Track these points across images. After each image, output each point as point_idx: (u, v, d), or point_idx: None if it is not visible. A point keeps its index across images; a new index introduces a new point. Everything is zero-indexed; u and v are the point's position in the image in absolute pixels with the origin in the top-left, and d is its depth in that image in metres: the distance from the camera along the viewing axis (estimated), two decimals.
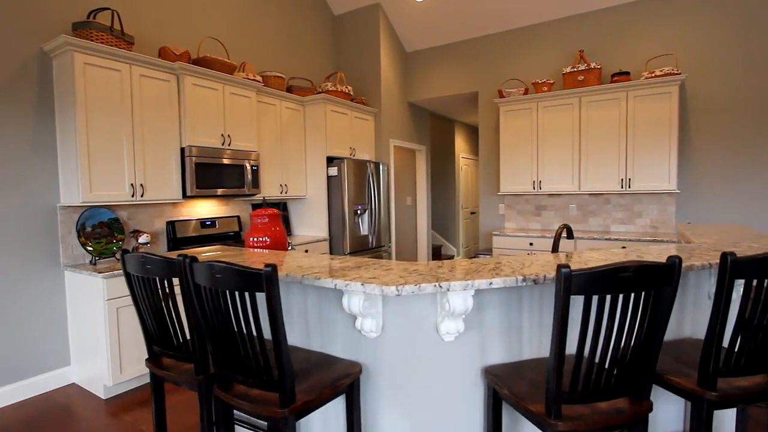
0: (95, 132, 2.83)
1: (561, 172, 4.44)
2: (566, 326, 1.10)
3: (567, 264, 1.08)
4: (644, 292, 1.14)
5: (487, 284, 1.28)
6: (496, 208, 5.21)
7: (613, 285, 1.09)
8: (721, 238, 2.12)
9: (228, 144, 3.67)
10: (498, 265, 1.53)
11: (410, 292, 1.22)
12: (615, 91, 4.10)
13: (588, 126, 4.26)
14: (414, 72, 5.77)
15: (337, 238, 4.58)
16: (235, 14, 4.23)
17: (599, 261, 1.58)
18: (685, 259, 1.55)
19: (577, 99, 4.29)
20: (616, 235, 4.08)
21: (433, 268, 1.51)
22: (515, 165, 4.72)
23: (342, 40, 5.59)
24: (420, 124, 6.28)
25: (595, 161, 4.25)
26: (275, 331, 1.22)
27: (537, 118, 4.53)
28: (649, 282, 1.12)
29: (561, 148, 4.42)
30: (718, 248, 1.80)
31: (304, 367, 1.52)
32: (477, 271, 1.42)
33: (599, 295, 1.10)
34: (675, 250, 1.80)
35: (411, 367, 1.48)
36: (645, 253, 1.73)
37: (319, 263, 1.69)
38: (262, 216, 2.18)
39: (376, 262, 1.64)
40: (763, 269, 1.22)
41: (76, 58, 2.70)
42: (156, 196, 3.20)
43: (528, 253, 4.36)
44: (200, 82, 3.41)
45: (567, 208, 4.71)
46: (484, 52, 5.19)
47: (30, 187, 2.80)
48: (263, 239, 2.15)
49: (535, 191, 4.60)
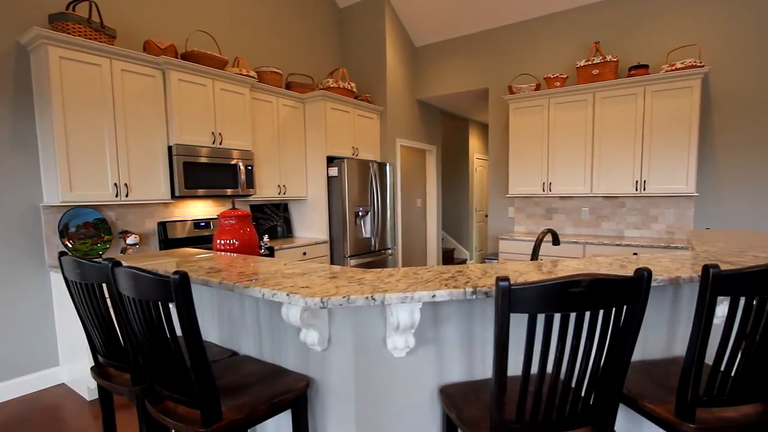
0: (74, 129, 2.80)
1: (572, 174, 4.17)
2: (506, 349, 0.93)
3: (506, 276, 0.90)
4: (603, 310, 0.95)
5: (429, 297, 1.12)
6: (505, 211, 4.97)
7: (563, 302, 0.91)
8: (728, 245, 1.86)
9: (219, 142, 3.61)
10: (458, 273, 1.36)
11: (337, 304, 1.07)
12: (632, 85, 3.81)
13: (602, 124, 3.98)
14: (423, 68, 5.60)
15: (337, 240, 4.47)
16: (229, 6, 4.18)
17: (572, 271, 1.38)
18: (673, 270, 1.33)
19: (591, 95, 4.02)
20: (630, 240, 3.78)
21: (383, 277, 1.36)
22: (525, 166, 4.47)
23: (347, 34, 5.48)
24: (430, 123, 6.10)
25: (608, 162, 3.96)
26: (190, 344, 1.10)
27: (548, 116, 4.28)
28: (609, 298, 0.93)
29: (573, 147, 4.15)
30: (719, 257, 1.56)
31: (248, 381, 1.40)
32: (427, 281, 1.26)
33: (546, 313, 0.92)
34: (669, 259, 1.57)
35: (361, 385, 1.33)
36: (651, 261, 1.52)
37: (269, 269, 1.56)
38: (229, 217, 2.08)
39: (342, 271, 1.50)
40: (752, 285, 1.00)
41: (51, 51, 2.67)
42: (142, 197, 3.16)
43: (540, 259, 4.12)
44: (187, 78, 3.35)
45: (579, 212, 4.42)
46: (495, 46, 4.97)
47: (11, 187, 2.79)
48: (231, 242, 2.04)
49: (545, 193, 4.34)
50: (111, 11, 3.26)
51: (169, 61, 3.20)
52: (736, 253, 1.66)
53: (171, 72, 3.25)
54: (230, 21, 4.15)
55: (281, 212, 4.62)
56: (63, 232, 2.91)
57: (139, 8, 3.43)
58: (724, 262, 1.45)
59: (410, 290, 1.14)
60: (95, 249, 3.07)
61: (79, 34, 2.83)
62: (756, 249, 1.76)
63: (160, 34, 3.57)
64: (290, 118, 4.38)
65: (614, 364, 1.00)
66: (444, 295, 1.12)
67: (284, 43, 4.74)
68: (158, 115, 3.25)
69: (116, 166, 3.01)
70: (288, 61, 4.78)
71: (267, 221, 4.44)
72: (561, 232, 4.53)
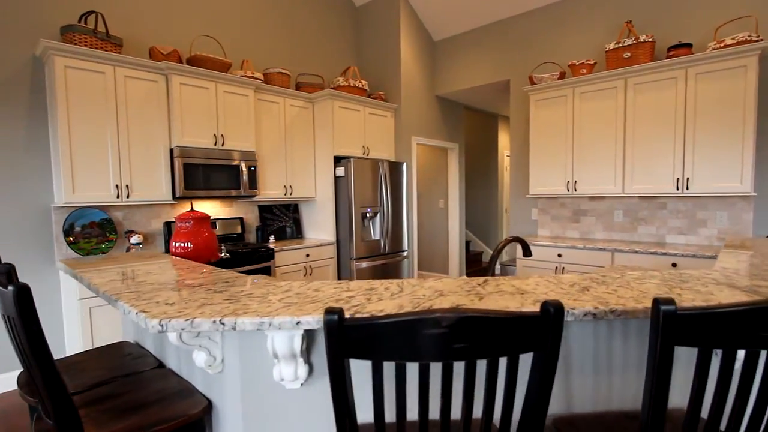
0: (78, 134, 2.91)
1: (601, 171, 3.71)
2: (345, 397, 0.72)
3: (339, 309, 0.70)
4: (486, 359, 0.71)
5: (291, 323, 0.93)
6: (528, 213, 4.57)
7: (417, 347, 0.69)
8: (755, 261, 1.47)
9: (221, 144, 3.61)
10: (370, 290, 1.16)
11: (179, 328, 0.92)
12: (671, 68, 3.29)
13: (635, 114, 3.49)
14: (442, 63, 5.31)
15: (344, 242, 4.34)
16: (241, 9, 4.19)
17: (540, 292, 1.12)
18: (638, 298, 1.03)
19: (622, 81, 3.54)
20: (672, 248, 3.27)
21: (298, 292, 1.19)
22: (547, 163, 4.06)
23: (363, 32, 5.34)
24: (452, 119, 5.79)
25: (643, 157, 3.47)
26: (39, 366, 1.01)
27: (573, 107, 3.84)
28: (488, 344, 0.70)
29: (601, 141, 3.69)
30: (730, 279, 1.21)
31: (150, 400, 1.30)
32: (313, 301, 1.07)
33: (395, 361, 0.70)
34: (658, 280, 1.25)
35: (249, 418, 1.17)
36: (640, 280, 1.22)
37: (181, 278, 1.45)
38: (185, 220, 2.00)
39: (268, 283, 1.35)
40: (732, 331, 0.71)
41: (56, 61, 2.80)
42: (143, 197, 3.24)
43: (557, 267, 3.73)
44: (189, 81, 3.38)
45: (611, 214, 3.93)
46: (516, 35, 4.57)
47: (27, 188, 2.97)
48: (185, 245, 1.97)
49: (570, 193, 3.91)
50: (122, 20, 3.38)
51: (171, 66, 3.25)
52: (756, 275, 1.29)
53: (173, 76, 3.29)
54: (240, 24, 4.17)
55: (291, 213, 4.58)
56: (68, 231, 3.04)
57: (148, 16, 3.52)
58: (739, 288, 1.11)
59: (271, 315, 0.96)
60: (100, 248, 3.19)
61: (85, 45, 2.94)
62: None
63: (170, 39, 3.65)
64: (298, 118, 4.32)
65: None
66: (310, 322, 0.93)
67: (297, 45, 4.69)
68: (161, 118, 3.31)
69: (118, 169, 3.10)
70: (301, 62, 4.73)
71: (275, 222, 4.42)
72: (590, 237, 4.06)
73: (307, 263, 4.07)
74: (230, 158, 3.65)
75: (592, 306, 0.97)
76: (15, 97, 2.92)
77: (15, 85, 2.92)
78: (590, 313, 0.95)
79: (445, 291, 1.15)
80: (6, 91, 2.89)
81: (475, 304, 1.01)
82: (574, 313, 0.95)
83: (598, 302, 1.00)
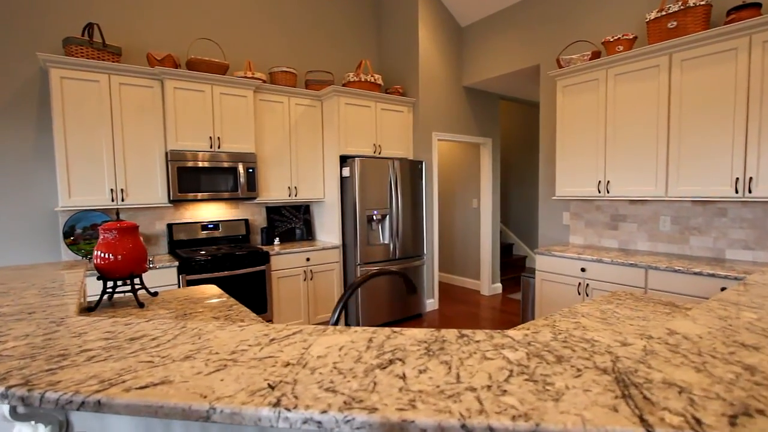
0: (74, 141, 3.04)
1: (638, 169, 3.05)
2: None
3: None
4: None
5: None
6: (559, 217, 3.96)
7: None
8: None
9: (217, 146, 3.60)
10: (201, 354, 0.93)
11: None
12: (731, 36, 2.56)
13: (682, 98, 2.80)
14: (470, 50, 4.83)
15: (350, 246, 4.13)
16: (249, 8, 4.15)
17: None
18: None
19: (666, 57, 2.86)
20: (734, 264, 2.57)
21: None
22: (575, 160, 3.46)
23: (384, 25, 5.05)
24: (484, 112, 5.27)
25: (691, 152, 2.77)
26: None
27: (606, 92, 3.21)
28: None
29: (639, 133, 3.03)
30: (737, 341, 0.78)
31: None
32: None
33: None
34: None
35: None
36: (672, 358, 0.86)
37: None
38: (109, 230, 1.93)
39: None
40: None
41: (52, 73, 2.94)
42: (138, 201, 3.32)
43: (580, 283, 3.18)
44: (183, 85, 3.40)
45: (656, 221, 3.23)
46: (546, 11, 3.97)
47: (36, 194, 3.20)
48: (106, 256, 1.90)
49: (601, 195, 3.29)
50: (124, 29, 3.49)
51: (165, 71, 3.28)
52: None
53: (167, 81, 3.33)
54: (249, 24, 4.13)
55: (301, 214, 4.48)
56: (68, 233, 3.22)
57: (150, 23, 3.61)
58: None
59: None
60: None
61: (82, 55, 3.07)
62: None
63: (172, 44, 3.71)
64: (305, 117, 4.19)
65: None
66: None
67: (311, 42, 4.55)
68: (157, 123, 3.37)
69: (113, 173, 3.20)
70: (315, 60, 4.59)
71: (284, 224, 4.34)
72: (631, 248, 3.39)
73: (308, 267, 3.93)
74: (227, 160, 3.62)
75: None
76: (25, 108, 3.14)
77: (25, 97, 3.14)
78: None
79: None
80: (18, 103, 3.11)
81: None
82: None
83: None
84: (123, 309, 1.77)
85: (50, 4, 3.20)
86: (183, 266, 3.25)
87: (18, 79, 3.11)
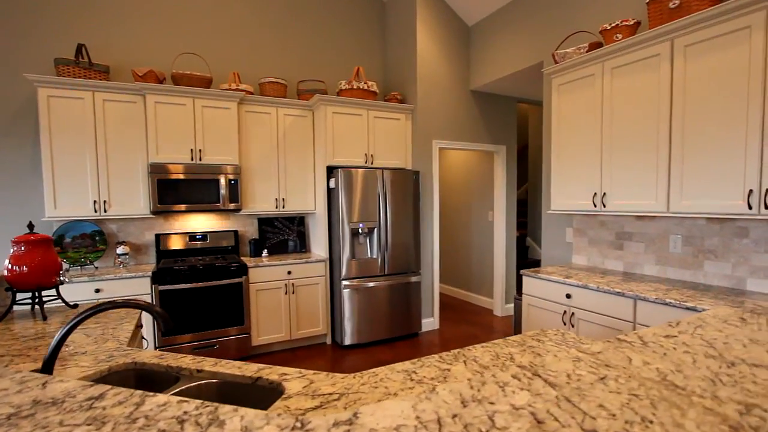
0: (59, 155, 3.24)
1: (637, 178, 2.56)
2: None
3: None
4: None
5: None
6: (562, 233, 3.49)
7: None
8: None
9: (199, 158, 3.65)
10: None
11: None
12: (742, 13, 2.05)
13: (686, 92, 2.30)
14: (477, 51, 4.49)
15: (337, 261, 3.98)
16: (243, 21, 4.21)
17: None
18: None
19: (667, 44, 2.37)
20: (756, 296, 2.03)
21: None
22: (570, 167, 3.02)
23: (388, 29, 4.89)
24: (497, 117, 4.87)
25: (696, 157, 2.25)
26: None
27: (602, 88, 2.76)
28: None
29: (637, 135, 2.55)
30: None
31: None
32: None
33: None
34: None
35: None
36: None
37: None
38: (19, 243, 1.98)
39: None
40: None
41: (40, 92, 3.16)
42: (120, 212, 3.45)
43: (565, 311, 2.76)
44: (164, 99, 3.49)
45: (665, 240, 2.69)
46: (547, 2, 3.55)
47: (31, 203, 3.45)
48: (17, 268, 1.95)
49: (597, 209, 2.81)
50: (115, 48, 3.69)
51: (146, 86, 3.41)
52: None
53: (148, 96, 3.45)
54: (241, 33, 4.19)
55: (295, 226, 4.42)
56: (57, 242, 3.43)
57: (139, 41, 3.78)
58: None
59: None
60: (88, 257, 3.51)
61: (69, 75, 3.28)
62: None
63: (158, 60, 3.85)
64: (295, 127, 4.13)
65: None
66: None
67: (307, 51, 4.52)
68: (139, 137, 3.50)
69: (96, 186, 3.36)
70: (311, 69, 4.54)
71: (276, 235, 4.30)
72: (637, 271, 2.85)
73: (289, 281, 3.84)
74: (208, 172, 3.66)
75: None
76: (23, 126, 3.41)
77: (23, 117, 3.41)
78: None
79: None
80: (17, 122, 3.40)
81: None
82: None
83: None
84: (30, 320, 1.78)
85: (43, 26, 3.45)
86: (156, 276, 3.30)
87: (17, 102, 3.39)
